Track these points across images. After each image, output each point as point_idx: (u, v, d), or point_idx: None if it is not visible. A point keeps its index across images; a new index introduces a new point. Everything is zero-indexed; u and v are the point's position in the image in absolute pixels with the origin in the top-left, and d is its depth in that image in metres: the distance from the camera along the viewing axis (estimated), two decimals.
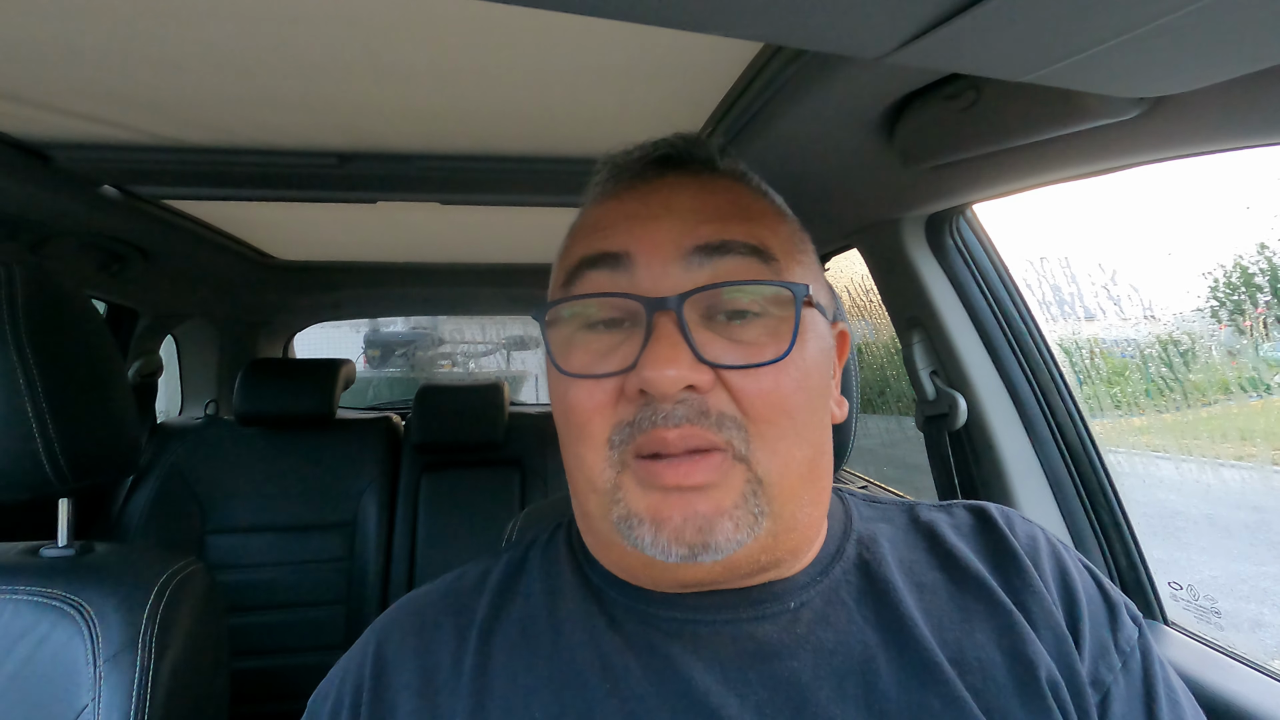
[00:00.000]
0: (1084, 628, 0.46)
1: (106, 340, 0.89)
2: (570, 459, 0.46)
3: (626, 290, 0.43)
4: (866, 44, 0.39)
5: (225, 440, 1.87)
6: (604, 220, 0.47)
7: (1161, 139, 0.53)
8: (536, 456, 1.98)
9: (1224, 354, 1.60)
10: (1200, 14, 0.35)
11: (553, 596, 0.48)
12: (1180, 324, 1.57)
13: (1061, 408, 0.91)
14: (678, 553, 0.40)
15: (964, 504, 0.55)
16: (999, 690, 0.42)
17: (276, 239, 1.64)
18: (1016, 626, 0.44)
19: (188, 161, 1.03)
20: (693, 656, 0.43)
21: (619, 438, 0.42)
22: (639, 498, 0.41)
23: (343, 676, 0.49)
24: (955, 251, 0.96)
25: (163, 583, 0.81)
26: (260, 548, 1.78)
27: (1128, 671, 0.45)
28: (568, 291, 0.46)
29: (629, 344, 0.43)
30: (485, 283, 2.07)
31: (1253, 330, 1.46)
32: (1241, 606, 1.51)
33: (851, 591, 0.47)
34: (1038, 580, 0.47)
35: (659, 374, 0.39)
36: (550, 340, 0.46)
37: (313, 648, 1.77)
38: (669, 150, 0.49)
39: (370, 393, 3.88)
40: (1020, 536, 0.50)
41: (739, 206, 0.46)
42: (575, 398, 0.43)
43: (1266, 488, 1.69)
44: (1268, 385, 1.60)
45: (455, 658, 0.46)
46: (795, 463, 0.43)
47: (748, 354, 0.42)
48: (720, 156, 0.50)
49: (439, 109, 0.89)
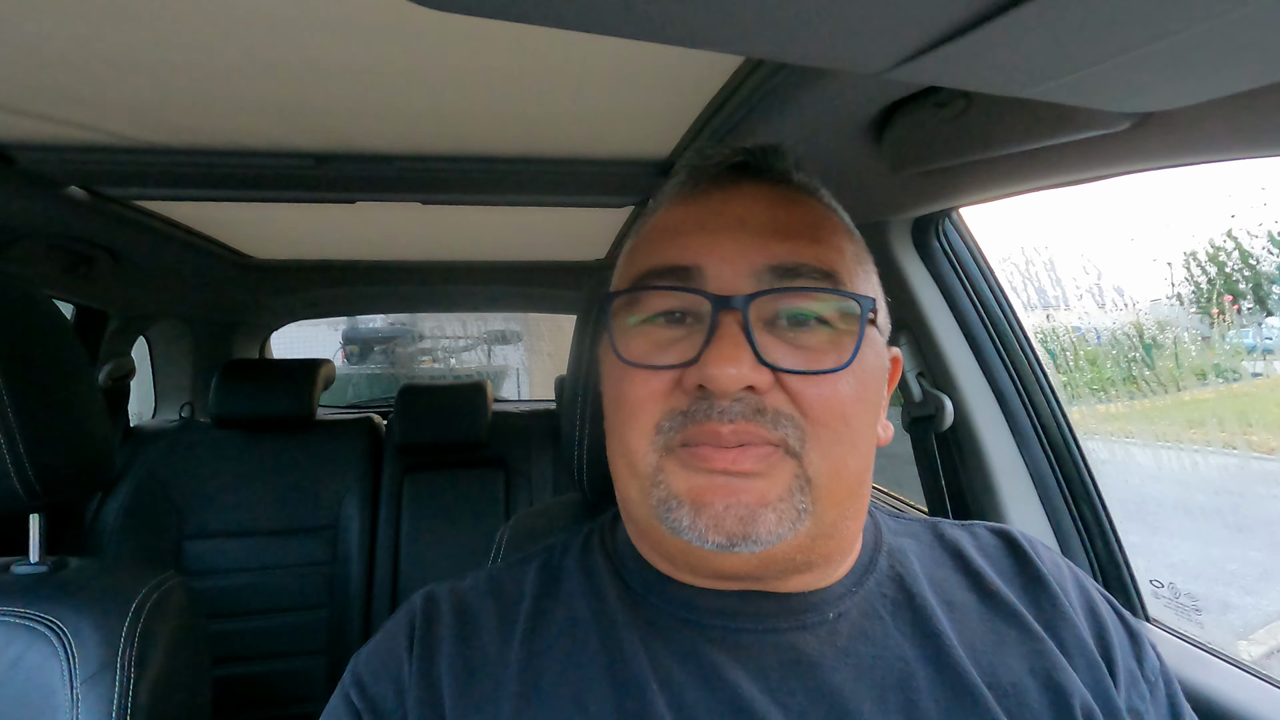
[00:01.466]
0: (1116, 655, 0.47)
1: (75, 348, 0.86)
2: (614, 445, 0.47)
3: (691, 287, 0.44)
4: (865, 61, 0.38)
5: (202, 443, 1.83)
6: (677, 227, 0.47)
7: (1150, 151, 0.53)
8: (521, 457, 1.97)
9: (1194, 342, 1.63)
10: (1199, 34, 0.35)
11: (596, 601, 0.48)
12: (1151, 312, 1.60)
13: (1045, 408, 0.92)
14: (715, 540, 0.40)
15: (986, 526, 0.56)
16: (1034, 717, 0.42)
17: (252, 238, 1.60)
18: (1049, 653, 0.45)
19: (158, 163, 1.00)
20: (737, 665, 0.43)
21: (669, 424, 0.43)
22: (681, 480, 0.42)
23: (390, 646, 0.49)
24: (941, 254, 0.96)
25: (140, 599, 0.79)
26: (240, 553, 1.75)
27: (1155, 700, 0.47)
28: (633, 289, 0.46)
29: (690, 340, 0.43)
30: (466, 280, 2.04)
31: (1223, 318, 1.50)
32: (1211, 589, 1.55)
33: (887, 605, 0.47)
34: (1068, 607, 0.48)
35: (721, 371, 0.40)
36: (612, 329, 0.46)
37: (295, 653, 1.75)
38: (747, 158, 0.49)
39: (350, 390, 3.83)
40: (1047, 563, 0.52)
41: (811, 225, 0.46)
42: (629, 384, 0.44)
43: (1236, 472, 1.73)
44: (1235, 372, 1.64)
45: (500, 650, 0.46)
46: (846, 471, 0.43)
47: (809, 360, 0.42)
48: (796, 169, 0.50)
49: (419, 111, 0.87)
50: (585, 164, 1.10)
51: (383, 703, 0.45)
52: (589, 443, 0.66)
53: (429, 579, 1.92)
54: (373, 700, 0.45)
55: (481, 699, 0.44)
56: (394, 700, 0.45)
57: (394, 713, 0.45)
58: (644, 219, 0.53)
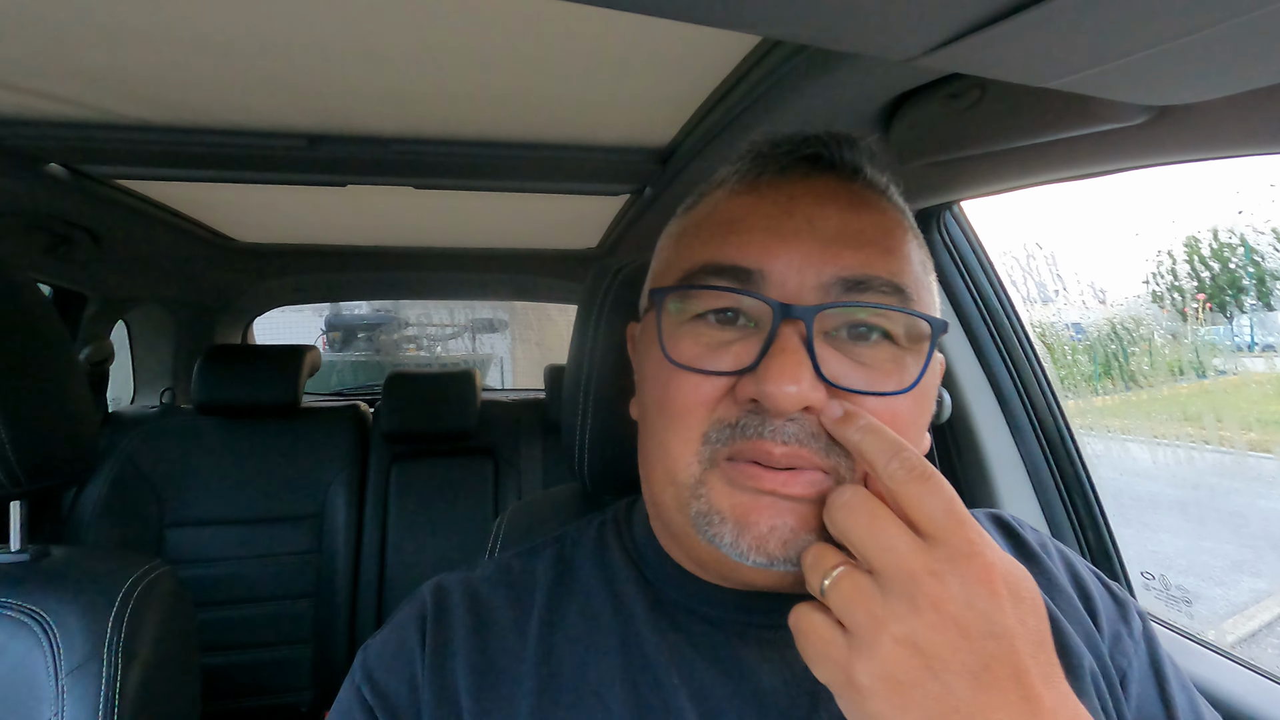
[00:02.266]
0: (1102, 621, 0.49)
1: (58, 331, 0.83)
2: (652, 447, 0.44)
3: (753, 290, 0.41)
4: (897, 47, 0.38)
5: (183, 430, 1.79)
6: (740, 222, 0.43)
7: (1165, 144, 0.53)
8: (510, 446, 1.96)
9: (1166, 339, 1.66)
10: (1227, 29, 0.35)
11: (614, 595, 0.47)
12: (1128, 309, 1.62)
13: (1042, 402, 0.93)
14: (756, 560, 0.39)
15: (980, 511, 0.56)
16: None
17: (238, 221, 1.56)
18: (1058, 624, 0.46)
19: (143, 140, 0.97)
20: (761, 660, 0.43)
21: (716, 435, 0.40)
22: (725, 495, 0.40)
23: (400, 638, 0.47)
24: (942, 247, 0.97)
25: (127, 588, 0.77)
26: (223, 541, 1.73)
27: (1139, 655, 0.49)
28: (687, 282, 0.43)
29: (744, 344, 0.41)
30: (457, 267, 2.02)
31: (1198, 314, 1.52)
32: (1183, 581, 1.59)
33: None
34: (1062, 579, 0.50)
35: (780, 390, 0.37)
36: (662, 326, 0.43)
37: (280, 642, 1.73)
38: (820, 149, 0.45)
39: (335, 378, 3.78)
40: (1034, 541, 0.53)
41: (884, 232, 0.43)
42: (678, 388, 0.41)
43: (1204, 466, 1.77)
44: (1208, 368, 1.67)
45: (516, 643, 0.45)
46: None
47: (870, 379, 0.40)
48: (870, 164, 0.46)
49: (418, 91, 0.85)
50: (583, 150, 1.09)
51: (396, 697, 0.44)
52: (591, 433, 0.66)
53: (416, 568, 1.91)
54: (385, 695, 0.44)
55: (499, 693, 0.43)
56: (407, 695, 0.44)
57: (408, 708, 0.44)
58: (694, 202, 0.49)
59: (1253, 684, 0.70)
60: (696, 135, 0.98)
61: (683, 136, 1.02)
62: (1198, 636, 0.80)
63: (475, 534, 1.84)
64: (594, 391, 0.65)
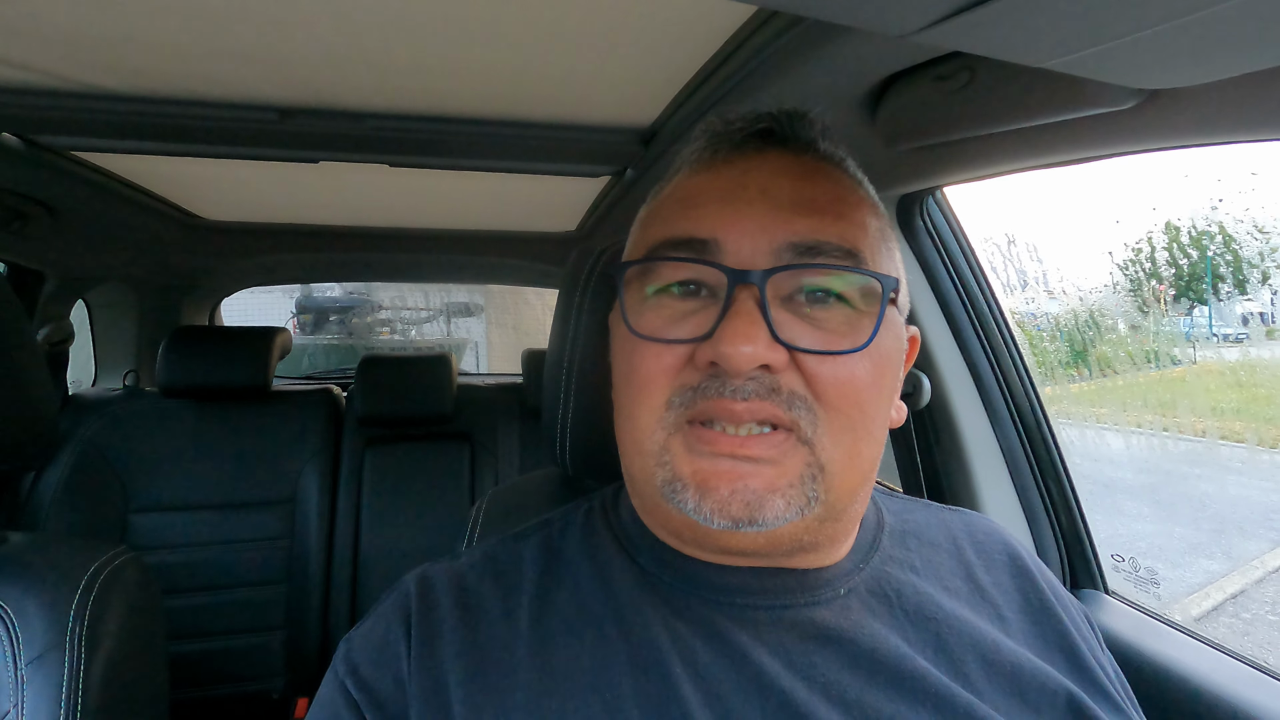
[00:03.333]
0: (1070, 629, 0.49)
1: (14, 309, 0.80)
2: (623, 420, 0.45)
3: (707, 259, 0.42)
4: (895, 22, 0.37)
5: (148, 413, 1.74)
6: (696, 197, 0.45)
7: (1151, 130, 0.53)
8: (487, 430, 1.94)
9: (1130, 329, 1.70)
10: (1219, 13, 0.35)
11: (605, 582, 0.47)
12: (1091, 300, 1.66)
13: (1019, 388, 0.94)
14: (721, 523, 0.40)
15: (973, 515, 0.58)
16: (1021, 696, 0.44)
17: (205, 197, 1.51)
18: (1033, 646, 0.47)
19: (103, 110, 0.92)
20: (757, 641, 0.43)
21: (679, 399, 0.42)
22: (686, 461, 0.41)
23: (384, 634, 0.46)
24: (924, 232, 0.97)
25: (90, 575, 0.74)
26: (191, 527, 1.69)
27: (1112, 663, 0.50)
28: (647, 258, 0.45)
29: (704, 313, 0.42)
30: (432, 249, 1.98)
31: (1161, 303, 1.56)
32: (1139, 563, 1.65)
33: (891, 582, 0.48)
34: (1050, 599, 0.51)
35: (735, 350, 0.39)
36: (625, 300, 0.45)
37: (252, 629, 1.70)
38: (772, 124, 0.46)
39: (306, 361, 3.70)
40: (1024, 558, 0.54)
41: (836, 199, 0.44)
42: (641, 358, 0.43)
43: (1164, 453, 1.83)
44: (1173, 358, 1.71)
45: (507, 633, 0.44)
46: (860, 458, 0.43)
47: (826, 340, 0.41)
48: (823, 137, 0.48)
49: (395, 63, 0.82)
50: (564, 130, 1.06)
51: (382, 692, 0.43)
52: (573, 417, 0.65)
53: (391, 553, 1.89)
54: (371, 690, 0.43)
55: (492, 684, 0.42)
56: (393, 689, 0.43)
57: (395, 702, 0.42)
58: (661, 186, 0.50)
59: (1217, 662, 0.73)
60: (679, 116, 0.96)
61: (665, 117, 1.00)
62: (1165, 618, 0.82)
63: (451, 519, 1.82)
64: (576, 375, 0.64)
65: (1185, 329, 1.69)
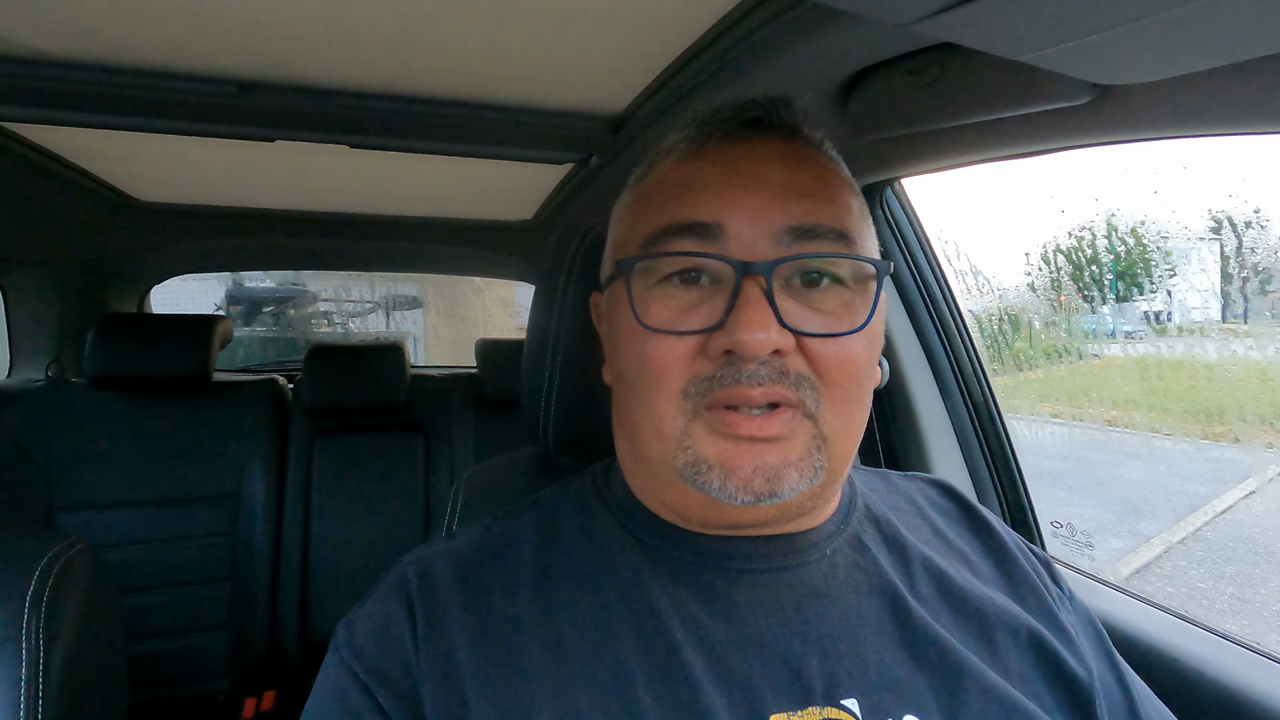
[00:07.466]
0: (1046, 582, 0.54)
1: None
2: (638, 406, 0.46)
3: (714, 252, 0.44)
4: (899, 10, 0.39)
5: (75, 406, 1.63)
6: (693, 183, 0.46)
7: (1104, 125, 0.58)
8: (441, 420, 1.91)
9: (1042, 325, 1.82)
10: (1176, 14, 0.39)
11: (603, 554, 0.48)
12: (1009, 298, 1.77)
13: (970, 370, 1.00)
14: (744, 499, 0.42)
15: (925, 478, 0.62)
16: (1000, 629, 0.48)
17: (141, 176, 1.42)
18: (1002, 586, 0.52)
19: (36, 76, 0.86)
20: (754, 603, 0.45)
21: (695, 389, 0.43)
22: (709, 444, 0.43)
23: (385, 622, 0.46)
24: (884, 222, 1.01)
25: (44, 567, 0.70)
26: (125, 524, 1.59)
27: (1076, 611, 0.54)
28: (649, 249, 0.46)
29: (711, 303, 0.44)
30: (382, 237, 1.92)
31: (1070, 303, 1.67)
32: (1052, 544, 1.79)
33: (871, 538, 0.52)
34: (1011, 547, 0.55)
35: (751, 337, 0.41)
36: (633, 293, 0.46)
37: (194, 629, 1.62)
38: (760, 112, 0.48)
39: (240, 353, 3.53)
40: (983, 511, 0.58)
41: (824, 183, 0.47)
42: (654, 350, 0.44)
43: (1076, 441, 1.97)
44: (1079, 352, 1.84)
45: (512, 608, 0.45)
46: (855, 425, 0.46)
47: (826, 323, 0.44)
48: (805, 122, 0.50)
49: (365, 37, 0.80)
50: (533, 113, 1.06)
51: (390, 674, 0.43)
52: (557, 399, 0.65)
53: (343, 546, 1.83)
54: (378, 670, 0.43)
55: (501, 659, 0.43)
56: (401, 671, 0.43)
57: (403, 683, 0.43)
58: (646, 170, 0.51)
59: (1145, 614, 0.80)
60: (651, 105, 0.97)
61: (637, 105, 1.01)
62: (1098, 576, 0.89)
63: (407, 510, 1.79)
64: (561, 357, 0.65)
65: (1092, 326, 1.82)
